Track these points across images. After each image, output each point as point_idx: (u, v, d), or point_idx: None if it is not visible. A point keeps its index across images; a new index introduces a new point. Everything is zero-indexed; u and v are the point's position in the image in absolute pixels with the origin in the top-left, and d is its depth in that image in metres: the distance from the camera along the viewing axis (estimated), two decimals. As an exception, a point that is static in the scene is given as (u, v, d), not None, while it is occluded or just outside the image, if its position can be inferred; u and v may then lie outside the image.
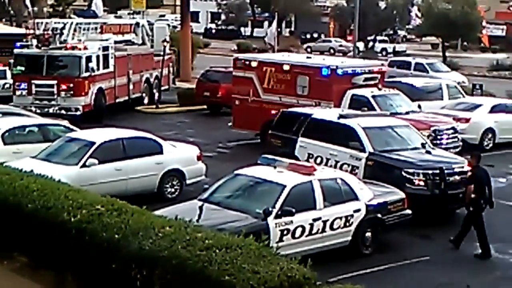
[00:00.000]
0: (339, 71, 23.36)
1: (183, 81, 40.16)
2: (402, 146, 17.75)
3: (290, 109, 20.82)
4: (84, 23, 31.11)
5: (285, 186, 13.45)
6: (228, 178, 14.56)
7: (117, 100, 30.38)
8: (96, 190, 14.26)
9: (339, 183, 14.25)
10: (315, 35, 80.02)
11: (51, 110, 26.77)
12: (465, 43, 68.76)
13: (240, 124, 25.43)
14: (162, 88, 34.16)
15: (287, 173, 13.97)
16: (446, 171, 16.54)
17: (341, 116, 18.36)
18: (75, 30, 28.99)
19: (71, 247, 11.56)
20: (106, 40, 29.96)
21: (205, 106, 32.53)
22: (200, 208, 13.62)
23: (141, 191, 16.66)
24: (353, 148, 17.50)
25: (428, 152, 17.69)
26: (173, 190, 17.82)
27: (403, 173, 16.39)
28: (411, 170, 16.44)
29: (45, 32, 27.97)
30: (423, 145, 17.96)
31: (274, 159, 14.56)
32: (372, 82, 23.96)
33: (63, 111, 26.85)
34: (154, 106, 32.69)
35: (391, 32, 72.33)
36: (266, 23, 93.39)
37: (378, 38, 67.47)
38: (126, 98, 31.25)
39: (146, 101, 32.97)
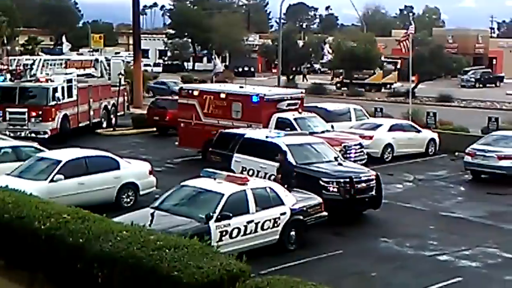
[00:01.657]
0: (267, 98, 23.48)
1: (135, 107, 39.65)
2: (319, 159, 17.87)
3: (226, 130, 20.79)
4: (51, 59, 30.55)
5: (223, 195, 13.41)
6: (176, 188, 14.44)
7: (80, 124, 29.83)
8: (62, 201, 13.93)
9: (268, 191, 14.27)
10: (246, 69, 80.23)
11: (23, 134, 26.09)
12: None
13: (185, 143, 25.29)
14: (118, 113, 33.71)
15: (225, 183, 13.93)
16: (354, 180, 16.75)
17: (268, 136, 18.45)
18: (43, 65, 28.38)
19: (42, 250, 11.29)
20: (70, 73, 29.42)
21: (155, 129, 32.18)
22: (152, 214, 13.44)
23: (101, 201, 16.30)
24: (279, 161, 17.57)
25: (340, 164, 17.86)
26: (128, 200, 17.53)
27: (320, 181, 16.48)
28: (326, 179, 16.58)
29: (18, 67, 27.36)
30: (335, 158, 18.14)
31: (214, 172, 14.50)
32: (293, 107, 24.14)
33: (33, 134, 26.19)
34: (111, 129, 32.22)
35: (308, 65, 72.99)
36: (205, 59, 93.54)
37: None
38: (88, 122, 30.72)
39: (104, 125, 32.47)
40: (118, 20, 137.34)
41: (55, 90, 27.11)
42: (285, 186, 15.19)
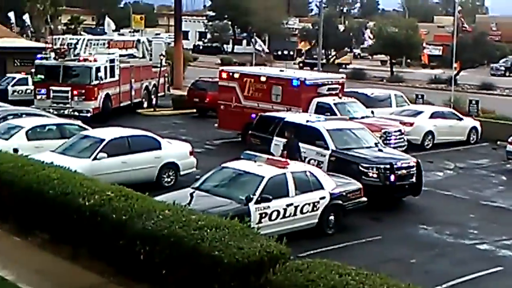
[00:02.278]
0: (307, 82, 23.40)
1: (176, 88, 39.95)
2: (358, 145, 17.78)
3: (266, 113, 20.81)
4: (94, 39, 30.89)
5: (263, 177, 13.44)
6: (216, 170, 14.53)
7: (121, 104, 30.16)
8: (105, 179, 14.10)
9: (308, 175, 14.25)
10: (286, 52, 79.94)
11: (66, 112, 26.53)
12: (408, 61, 68.97)
13: (225, 125, 25.40)
14: (159, 94, 34.00)
15: (265, 166, 13.95)
16: (395, 166, 16.64)
17: (308, 120, 18.40)
18: (86, 45, 28.72)
19: (86, 226, 11.50)
20: (113, 54, 29.73)
21: (194, 110, 32.39)
22: (191, 194, 13.57)
23: (143, 180, 16.50)
24: (319, 146, 17.54)
25: (380, 150, 17.75)
26: (169, 179, 17.69)
27: (360, 167, 16.43)
28: (366, 165, 16.51)
29: (62, 47, 27.73)
30: (376, 144, 18.04)
31: (255, 155, 14.55)
32: (334, 92, 24.00)
33: (76, 113, 26.63)
34: (152, 109, 32.50)
35: (348, 50, 72.38)
36: (244, 42, 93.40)
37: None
38: (129, 102, 31.05)
39: (145, 105, 32.77)
40: (159, 1, 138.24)
41: (98, 69, 27.45)
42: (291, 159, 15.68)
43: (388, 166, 16.54)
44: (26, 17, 60.82)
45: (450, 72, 53.12)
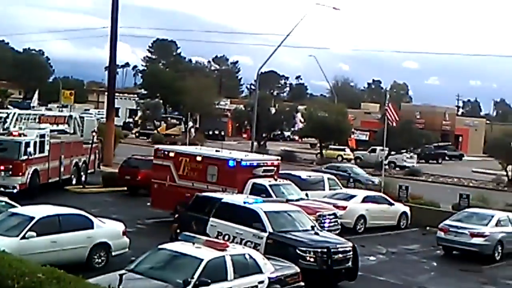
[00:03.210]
0: (243, 163, 23.47)
1: (106, 165, 39.26)
2: (295, 228, 17.71)
3: (203, 194, 20.55)
4: (25, 113, 30.18)
5: (202, 260, 13.10)
6: (153, 251, 14.11)
7: (50, 180, 29.30)
8: (33, 259, 13.46)
9: (247, 258, 14.00)
10: (216, 132, 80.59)
11: None
12: (336, 144, 70.66)
13: (158, 204, 24.99)
14: (89, 171, 33.29)
15: (203, 248, 13.65)
16: (332, 250, 16.64)
17: (245, 202, 18.30)
18: (17, 119, 28.04)
19: (13, 311, 10.83)
20: (43, 129, 29.07)
21: (125, 188, 31.82)
22: (121, 276, 13.01)
23: (72, 261, 15.78)
24: (256, 228, 17.34)
25: (317, 234, 17.71)
26: (100, 260, 17.04)
27: (297, 250, 16.30)
28: (304, 248, 16.41)
29: (-10, 120, 26.99)
30: (312, 227, 18.00)
31: (193, 237, 14.24)
32: (269, 174, 24.15)
33: (1, 189, 25.62)
34: (81, 186, 31.71)
35: (279, 132, 73.74)
36: (174, 121, 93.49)
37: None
38: (57, 179, 30.20)
39: (74, 181, 31.96)
40: (89, 77, 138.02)
41: (27, 144, 26.71)
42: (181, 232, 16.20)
43: (325, 250, 16.51)
44: None
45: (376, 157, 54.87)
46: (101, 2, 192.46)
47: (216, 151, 25.26)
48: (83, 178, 32.28)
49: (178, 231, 17.79)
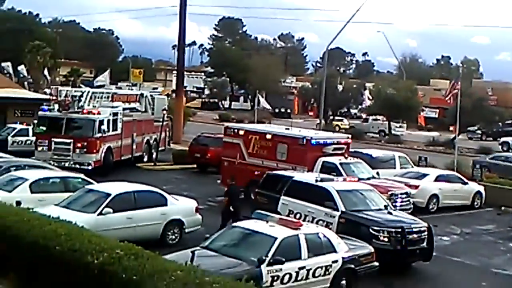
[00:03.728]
0: (313, 141, 23.25)
1: (175, 143, 39.81)
2: (368, 207, 17.45)
3: (274, 172, 20.49)
4: (99, 92, 30.80)
5: (276, 238, 13.04)
6: (226, 229, 14.17)
7: (122, 158, 29.89)
8: (109, 235, 13.70)
9: (321, 237, 13.87)
10: (282, 110, 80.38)
11: (66, 164, 26.14)
12: (404, 122, 69.40)
13: (228, 182, 25.04)
14: (159, 148, 33.77)
15: (277, 227, 13.58)
16: (406, 230, 16.30)
17: (318, 180, 18.12)
18: (91, 98, 28.60)
19: (93, 285, 11.04)
20: (116, 107, 29.61)
21: (195, 165, 32.12)
22: (202, 254, 13.15)
23: (147, 237, 16.04)
24: (328, 207, 17.19)
25: (390, 213, 17.41)
26: (174, 237, 17.28)
27: (370, 230, 16.06)
28: (377, 228, 16.14)
29: (66, 98, 27.59)
30: (385, 207, 17.71)
31: (266, 215, 14.20)
32: (339, 152, 23.85)
33: (77, 165, 26.28)
34: (152, 164, 32.21)
35: (345, 110, 72.94)
36: (241, 98, 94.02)
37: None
38: (130, 156, 30.78)
39: (145, 159, 32.49)
40: (156, 56, 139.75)
41: (101, 122, 27.26)
42: (231, 207, 18.25)
43: (399, 229, 16.18)
44: (22, 68, 61.01)
45: (447, 135, 53.66)
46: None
47: (286, 129, 25.11)
48: (154, 156, 32.75)
49: (226, 203, 18.95)
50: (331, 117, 64.89)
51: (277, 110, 79.44)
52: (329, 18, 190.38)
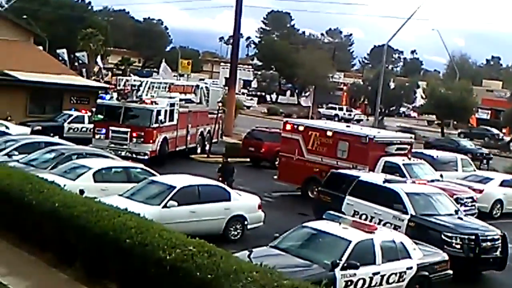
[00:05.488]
0: (376, 140, 22.56)
1: (226, 135, 39.47)
2: (438, 211, 16.73)
3: (339, 171, 19.84)
4: (157, 82, 30.61)
5: (350, 241, 12.51)
6: (296, 228, 13.64)
7: (177, 148, 29.67)
8: (172, 228, 13.30)
9: (396, 242, 13.28)
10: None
11: (123, 153, 25.97)
12: (455, 122, 67.83)
13: (285, 178, 24.59)
14: (213, 141, 33.46)
15: (351, 229, 13.03)
16: (480, 237, 15.55)
17: (386, 181, 17.46)
18: (149, 88, 28.39)
19: (164, 282, 10.67)
20: (173, 98, 29.39)
21: (248, 159, 31.69)
22: (272, 253, 12.68)
23: (209, 232, 15.57)
24: (397, 209, 16.52)
25: (461, 218, 16.70)
26: (236, 233, 16.88)
27: (442, 236, 15.36)
28: (450, 234, 15.44)
29: (125, 87, 27.45)
30: (456, 212, 16.98)
31: (339, 216, 13.65)
32: (402, 152, 23.11)
33: (133, 155, 26.11)
34: (205, 156, 31.91)
35: (394, 108, 71.49)
36: (288, 92, 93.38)
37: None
38: (184, 147, 30.54)
39: (199, 150, 32.22)
40: (204, 47, 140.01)
41: (158, 112, 27.04)
42: (225, 183, 18.79)
43: (473, 236, 15.45)
44: (83, 54, 61.40)
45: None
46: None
47: (347, 126, 24.46)
48: (207, 147, 32.45)
49: (220, 179, 19.91)
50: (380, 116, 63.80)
51: (325, 106, 78.63)
52: (376, 14, 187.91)
